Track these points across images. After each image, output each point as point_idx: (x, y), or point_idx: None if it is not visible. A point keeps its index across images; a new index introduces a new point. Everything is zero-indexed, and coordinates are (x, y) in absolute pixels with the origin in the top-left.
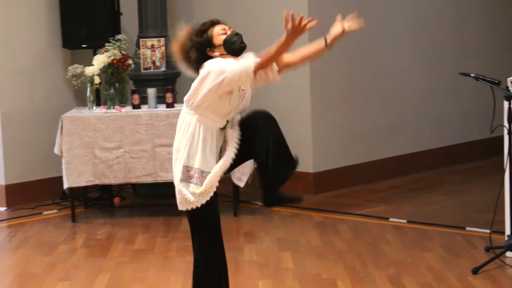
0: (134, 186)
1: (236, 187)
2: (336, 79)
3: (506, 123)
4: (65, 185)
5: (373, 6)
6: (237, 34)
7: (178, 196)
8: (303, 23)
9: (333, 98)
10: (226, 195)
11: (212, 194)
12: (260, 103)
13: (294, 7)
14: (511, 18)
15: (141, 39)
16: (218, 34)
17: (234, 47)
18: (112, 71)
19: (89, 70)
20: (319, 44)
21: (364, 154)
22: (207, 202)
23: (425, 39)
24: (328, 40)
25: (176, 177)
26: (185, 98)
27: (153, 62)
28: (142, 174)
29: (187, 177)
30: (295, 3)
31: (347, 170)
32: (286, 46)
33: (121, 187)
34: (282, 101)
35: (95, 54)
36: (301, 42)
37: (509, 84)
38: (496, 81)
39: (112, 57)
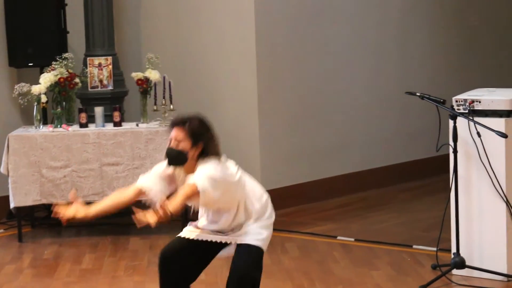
0: None
1: (184, 206)
2: (284, 98)
3: (451, 142)
4: (12, 205)
5: (319, 25)
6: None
7: None
8: None
9: (281, 117)
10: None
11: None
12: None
13: (241, 27)
14: (455, 37)
15: (88, 58)
16: None
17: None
18: (59, 89)
19: (36, 89)
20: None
21: (311, 172)
22: None
23: (371, 58)
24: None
25: None
26: None
27: (101, 81)
28: (89, 193)
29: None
30: (242, 23)
31: (295, 189)
32: None
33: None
34: (230, 119)
35: (41, 72)
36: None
37: (454, 103)
38: (441, 100)
39: (59, 76)
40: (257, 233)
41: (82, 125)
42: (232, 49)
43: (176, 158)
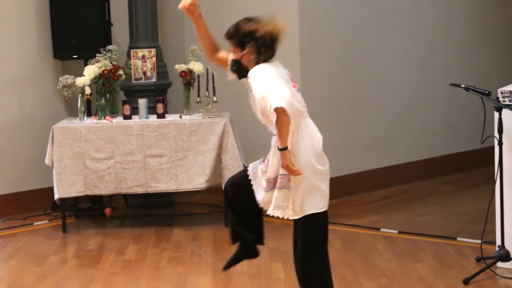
0: (125, 196)
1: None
2: (327, 91)
3: (496, 134)
4: (56, 196)
5: (363, 17)
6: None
7: None
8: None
9: (323, 109)
10: (217, 205)
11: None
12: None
13: (284, 11)
14: (501, 28)
15: (132, 50)
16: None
17: None
18: (103, 81)
19: (80, 81)
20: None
21: (355, 164)
22: None
23: (415, 49)
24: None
25: None
26: None
27: (144, 73)
28: (133, 184)
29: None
30: (285, 16)
31: (338, 181)
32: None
33: (112, 198)
34: None
35: (86, 64)
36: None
37: (499, 95)
38: (486, 92)
39: (103, 68)
40: (313, 195)
41: (126, 117)
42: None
43: (234, 69)
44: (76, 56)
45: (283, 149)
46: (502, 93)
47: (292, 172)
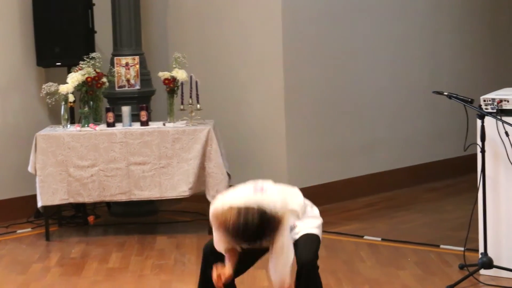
0: (109, 204)
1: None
2: (311, 98)
3: (479, 142)
4: (39, 204)
5: (348, 23)
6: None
7: None
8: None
9: (307, 116)
10: (200, 213)
11: None
12: (234, 120)
13: (268, 27)
14: (484, 37)
15: (115, 57)
16: None
17: None
18: (87, 89)
19: (63, 88)
20: None
21: (338, 172)
22: None
23: (400, 56)
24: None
25: None
26: None
27: (128, 80)
28: (116, 192)
29: None
30: (269, 23)
31: (321, 188)
32: None
33: (95, 206)
34: (256, 119)
35: (69, 72)
36: None
37: (481, 103)
38: (469, 100)
39: (86, 75)
40: (310, 224)
41: (109, 125)
42: (258, 48)
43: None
44: (59, 64)
45: None
46: (484, 100)
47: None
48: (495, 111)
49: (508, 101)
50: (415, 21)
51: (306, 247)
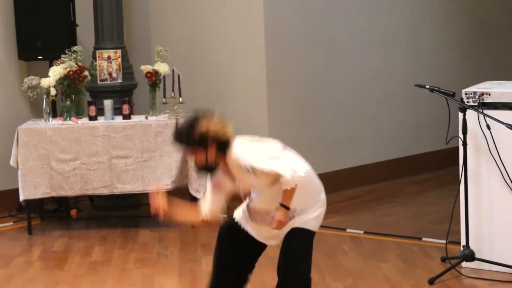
0: (91, 198)
1: (194, 198)
2: (293, 91)
3: (460, 135)
4: (21, 197)
5: (329, 16)
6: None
7: None
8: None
9: (289, 110)
10: None
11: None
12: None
13: (250, 20)
14: (465, 30)
15: (97, 51)
16: None
17: None
18: (68, 82)
19: (45, 82)
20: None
21: (320, 165)
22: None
23: (381, 50)
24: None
25: None
26: None
27: (110, 74)
28: (99, 186)
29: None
30: (251, 16)
31: None
32: None
33: (77, 199)
34: (239, 112)
35: (51, 65)
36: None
37: (463, 96)
38: (451, 93)
39: (68, 69)
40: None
41: (91, 118)
42: (241, 41)
43: (205, 170)
44: (41, 57)
45: (286, 207)
46: (466, 94)
47: (280, 225)
48: (476, 104)
49: (489, 95)
50: (397, 14)
51: (289, 246)
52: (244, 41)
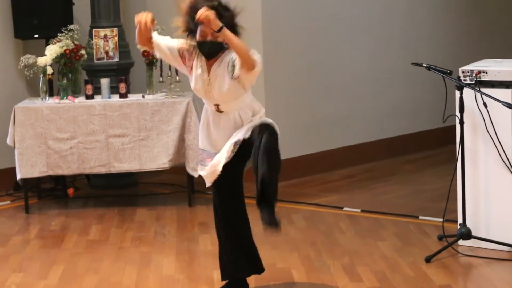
0: (88, 176)
1: (191, 177)
2: (289, 70)
3: (457, 113)
4: (18, 176)
5: None
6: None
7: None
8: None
9: (286, 88)
10: (180, 185)
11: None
12: None
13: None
14: (463, 7)
15: (94, 29)
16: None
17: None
18: (65, 61)
19: (42, 61)
20: None
21: (317, 144)
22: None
23: (376, 29)
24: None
25: None
26: None
27: (106, 52)
28: (96, 164)
29: (200, 160)
30: None
31: (300, 160)
32: None
33: (75, 178)
34: None
35: (47, 44)
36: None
37: (460, 74)
38: (448, 71)
39: (64, 47)
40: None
41: (88, 97)
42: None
43: (205, 43)
44: (37, 36)
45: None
46: (463, 72)
47: (212, 23)
48: (473, 82)
49: (486, 73)
50: None
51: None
52: (241, 21)
